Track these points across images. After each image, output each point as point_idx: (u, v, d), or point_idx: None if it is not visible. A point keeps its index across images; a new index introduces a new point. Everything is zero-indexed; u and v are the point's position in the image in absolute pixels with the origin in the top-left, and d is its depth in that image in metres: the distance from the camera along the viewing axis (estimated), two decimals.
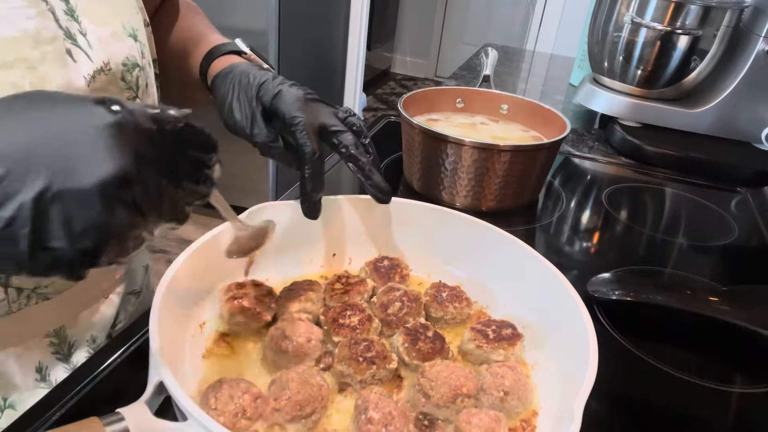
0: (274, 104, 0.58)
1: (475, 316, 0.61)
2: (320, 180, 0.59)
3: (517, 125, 0.99)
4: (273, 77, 0.60)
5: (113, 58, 0.56)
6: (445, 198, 0.88)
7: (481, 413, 0.46)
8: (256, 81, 0.60)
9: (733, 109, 1.14)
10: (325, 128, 0.58)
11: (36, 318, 0.58)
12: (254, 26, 2.28)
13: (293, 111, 0.57)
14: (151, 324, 0.45)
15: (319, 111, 0.59)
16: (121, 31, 0.58)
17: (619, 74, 1.19)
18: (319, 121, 0.58)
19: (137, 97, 0.61)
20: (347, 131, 0.59)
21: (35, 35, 0.48)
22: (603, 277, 0.72)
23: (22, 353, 0.58)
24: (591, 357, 0.46)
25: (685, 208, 1.01)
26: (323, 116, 0.59)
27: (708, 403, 0.59)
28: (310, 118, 0.57)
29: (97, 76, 0.54)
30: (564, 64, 1.78)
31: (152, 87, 0.65)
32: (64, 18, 0.51)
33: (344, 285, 0.61)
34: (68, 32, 0.51)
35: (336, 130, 0.59)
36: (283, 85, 0.59)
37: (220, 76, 0.64)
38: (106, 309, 0.67)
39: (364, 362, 0.50)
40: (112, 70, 0.56)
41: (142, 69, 0.61)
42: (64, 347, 0.62)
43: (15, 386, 0.59)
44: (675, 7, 1.08)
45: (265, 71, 0.62)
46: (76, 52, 0.52)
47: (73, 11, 0.52)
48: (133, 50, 0.59)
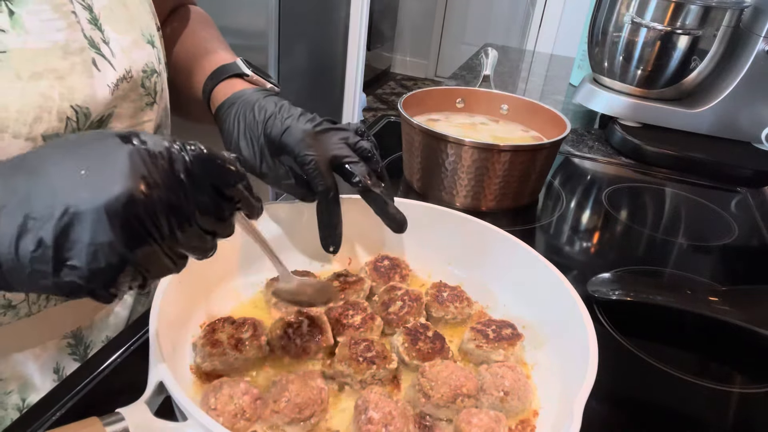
0: (283, 140, 0.57)
1: (476, 316, 0.61)
2: (338, 213, 0.59)
3: (517, 125, 0.99)
4: (278, 109, 0.59)
5: (134, 66, 0.57)
6: (445, 198, 0.88)
7: (481, 413, 0.46)
8: (261, 116, 0.59)
9: (733, 109, 1.14)
10: (336, 160, 0.58)
11: (54, 319, 0.59)
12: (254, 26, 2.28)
13: (303, 149, 0.56)
14: (151, 324, 0.45)
15: (329, 142, 0.58)
16: (140, 39, 0.58)
17: (619, 74, 1.19)
18: (331, 153, 0.57)
19: (155, 102, 0.61)
20: (359, 161, 0.58)
21: (65, 46, 0.49)
22: (603, 277, 0.72)
23: (40, 354, 0.60)
24: (591, 357, 0.46)
25: (685, 208, 1.01)
26: (334, 148, 0.58)
27: (708, 403, 0.59)
28: (321, 152, 0.57)
29: (120, 84, 0.54)
30: (564, 64, 1.78)
31: (165, 91, 0.65)
32: (88, 27, 0.52)
33: (342, 284, 0.61)
34: (92, 41, 0.52)
35: (347, 162, 0.58)
36: (289, 119, 0.58)
37: (224, 108, 0.63)
38: (120, 310, 0.69)
39: (364, 362, 0.50)
40: (133, 77, 0.56)
41: (159, 74, 0.61)
42: (81, 348, 0.63)
43: (34, 386, 0.60)
44: (675, 7, 1.08)
45: (269, 98, 0.61)
46: (101, 62, 0.52)
47: (97, 20, 0.53)
48: (152, 56, 0.60)
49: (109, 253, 0.33)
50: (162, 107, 0.64)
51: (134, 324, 0.61)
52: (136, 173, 0.33)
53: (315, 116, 0.59)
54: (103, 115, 0.53)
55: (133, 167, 0.34)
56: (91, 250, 0.33)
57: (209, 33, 0.77)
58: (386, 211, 0.59)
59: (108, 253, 0.33)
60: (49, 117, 0.48)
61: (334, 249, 0.61)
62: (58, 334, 0.61)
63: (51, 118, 0.48)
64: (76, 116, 0.50)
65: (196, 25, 0.77)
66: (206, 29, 0.77)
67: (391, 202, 0.60)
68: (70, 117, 0.49)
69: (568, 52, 1.85)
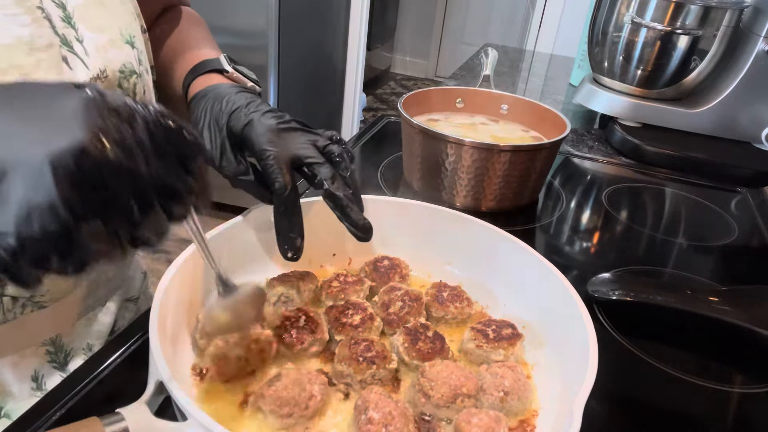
0: (245, 134, 0.54)
1: (476, 316, 0.61)
2: (296, 219, 0.55)
3: (517, 125, 0.99)
4: (246, 103, 0.56)
5: (110, 65, 0.55)
6: (445, 198, 0.88)
7: (481, 413, 0.46)
8: (228, 108, 0.56)
9: (733, 109, 1.14)
10: (298, 160, 0.54)
11: (32, 326, 0.58)
12: (254, 26, 2.28)
13: (263, 143, 0.53)
14: (151, 323, 0.45)
15: (293, 141, 0.55)
16: (118, 38, 0.57)
17: (619, 74, 1.19)
18: (292, 152, 0.54)
19: None
20: (323, 163, 0.54)
21: (30, 42, 0.48)
22: (603, 277, 0.72)
23: (18, 362, 0.58)
24: (591, 357, 0.46)
25: (685, 208, 1.01)
26: (297, 147, 0.55)
27: (708, 403, 0.59)
28: (283, 149, 0.53)
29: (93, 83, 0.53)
30: (564, 64, 1.78)
31: (150, 94, 0.64)
32: (60, 25, 0.50)
33: (342, 284, 0.61)
34: (65, 39, 0.51)
35: (310, 162, 0.54)
36: (255, 113, 0.55)
37: (196, 99, 0.60)
38: (103, 317, 0.67)
39: (364, 362, 0.50)
40: (108, 77, 0.55)
41: (139, 76, 0.60)
42: (61, 355, 0.61)
43: (11, 394, 0.58)
44: (675, 7, 1.08)
45: (241, 94, 0.58)
46: (73, 60, 0.51)
47: (70, 18, 0.52)
48: (130, 57, 0.58)
49: (48, 216, 0.27)
50: None
51: (133, 325, 0.61)
52: (91, 124, 0.28)
53: (284, 114, 0.56)
54: None
55: (89, 117, 0.29)
56: (23, 211, 0.27)
57: (196, 32, 0.75)
58: (349, 216, 0.55)
59: (46, 217, 0.27)
60: None
61: (293, 255, 0.56)
62: (36, 341, 0.59)
63: None
64: None
65: (183, 24, 0.76)
66: (194, 28, 0.76)
67: (357, 208, 0.55)
68: None
69: (568, 52, 1.85)
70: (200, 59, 0.66)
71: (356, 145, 1.08)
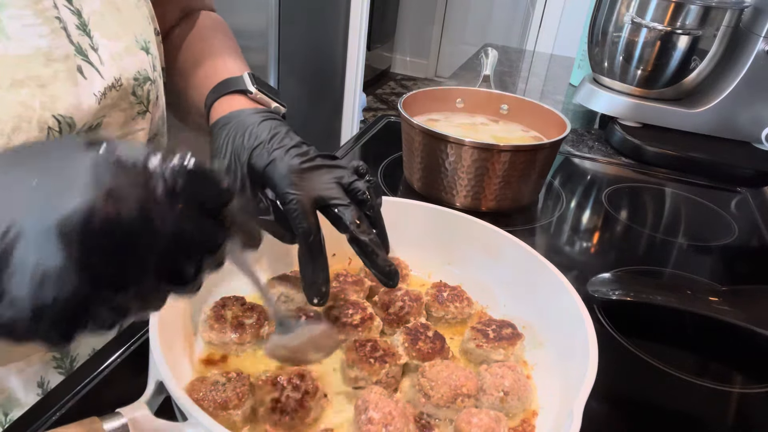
0: (267, 174, 0.52)
1: (476, 316, 0.61)
2: (321, 263, 0.52)
3: (517, 125, 0.99)
4: (270, 138, 0.54)
5: (125, 73, 0.54)
6: (445, 198, 0.88)
7: (481, 413, 0.46)
8: (250, 143, 0.54)
9: (733, 109, 1.14)
10: (323, 200, 0.52)
11: None
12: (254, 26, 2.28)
13: (285, 186, 0.51)
14: (151, 323, 0.45)
15: (317, 181, 0.52)
16: (133, 45, 0.56)
17: (619, 74, 1.19)
18: (317, 194, 0.51)
19: (147, 111, 0.59)
20: (348, 205, 0.52)
21: (48, 53, 0.47)
22: (603, 277, 0.72)
23: (24, 368, 0.58)
24: (591, 357, 0.46)
25: (685, 208, 1.01)
26: (322, 188, 0.52)
27: (708, 403, 0.59)
28: (306, 191, 0.51)
29: (108, 92, 0.52)
30: (564, 64, 1.78)
31: (161, 99, 0.63)
32: (76, 33, 0.50)
33: (341, 283, 0.61)
34: (79, 48, 0.50)
35: (335, 204, 0.52)
36: (277, 151, 0.53)
37: (218, 126, 0.58)
38: None
39: (376, 362, 0.50)
40: (123, 85, 0.54)
41: (153, 82, 0.59)
42: (66, 361, 0.61)
43: (17, 401, 0.58)
44: (675, 7, 1.08)
45: (265, 124, 0.56)
46: (87, 69, 0.50)
47: (86, 25, 0.51)
48: (145, 63, 0.57)
49: (58, 282, 0.27)
50: (157, 115, 0.62)
51: (133, 325, 0.60)
52: (99, 185, 0.27)
53: (309, 150, 0.54)
54: (91, 124, 0.51)
55: (97, 178, 0.28)
56: (36, 279, 0.27)
57: (219, 40, 0.73)
58: (375, 263, 0.52)
59: (57, 283, 0.27)
60: (29, 127, 0.45)
61: (319, 301, 0.53)
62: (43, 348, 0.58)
63: (31, 128, 0.45)
64: (58, 126, 0.47)
65: (206, 32, 0.73)
66: (217, 35, 0.73)
67: (383, 252, 0.53)
68: (52, 127, 0.47)
69: (568, 52, 1.85)
70: (222, 71, 0.64)
71: (356, 145, 1.08)
